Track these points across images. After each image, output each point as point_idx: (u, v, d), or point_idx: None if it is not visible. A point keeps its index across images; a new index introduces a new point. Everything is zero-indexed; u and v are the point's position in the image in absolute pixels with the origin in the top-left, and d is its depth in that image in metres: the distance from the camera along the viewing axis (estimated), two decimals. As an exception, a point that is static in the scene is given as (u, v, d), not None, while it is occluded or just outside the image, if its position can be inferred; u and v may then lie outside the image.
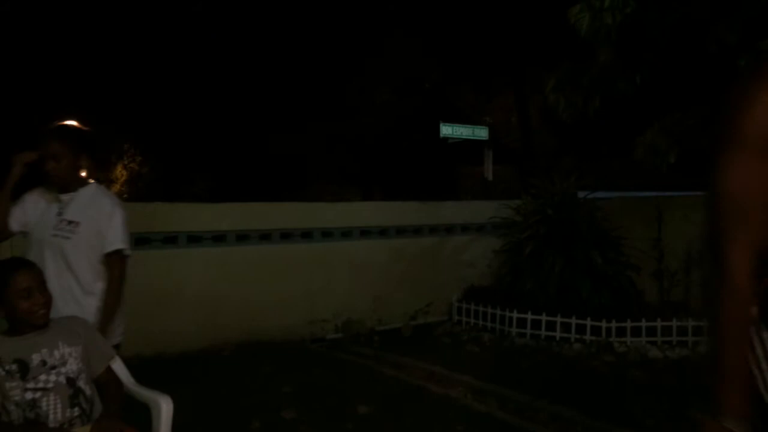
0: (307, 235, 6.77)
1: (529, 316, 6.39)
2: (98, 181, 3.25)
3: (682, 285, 6.84)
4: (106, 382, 2.56)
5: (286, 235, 6.65)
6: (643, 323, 6.07)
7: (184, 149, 13.29)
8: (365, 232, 7.15)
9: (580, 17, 5.72)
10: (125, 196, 17.09)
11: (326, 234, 6.89)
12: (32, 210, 3.04)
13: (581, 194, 7.25)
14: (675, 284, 6.87)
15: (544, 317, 6.32)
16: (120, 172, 16.88)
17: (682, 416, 4.26)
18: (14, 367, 2.32)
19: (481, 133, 12.39)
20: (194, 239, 6.14)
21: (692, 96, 6.94)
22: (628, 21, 5.64)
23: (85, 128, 3.13)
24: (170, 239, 6.03)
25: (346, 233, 7.04)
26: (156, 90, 11.74)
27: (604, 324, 6.11)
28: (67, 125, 3.11)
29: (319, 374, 5.29)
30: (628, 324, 6.08)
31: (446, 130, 12.17)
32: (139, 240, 5.88)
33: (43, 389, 2.33)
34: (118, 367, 2.73)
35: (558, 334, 6.25)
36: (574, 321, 6.20)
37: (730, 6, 5.40)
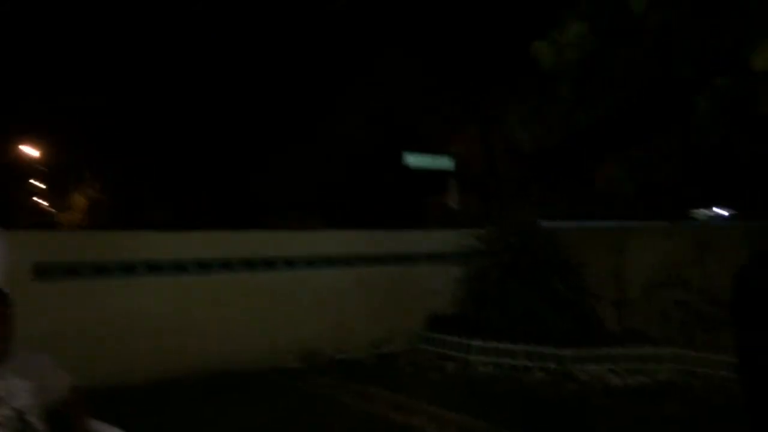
0: (270, 263, 6.70)
1: (493, 345, 6.40)
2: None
3: (641, 312, 6.95)
4: (72, 405, 2.47)
5: (248, 264, 6.57)
6: (604, 351, 6.14)
7: (145, 177, 13.10)
8: (329, 261, 7.11)
9: (543, 52, 5.87)
10: (84, 224, 16.71)
11: (290, 263, 6.84)
12: None
13: (544, 223, 7.35)
14: (634, 311, 6.99)
15: (507, 346, 6.34)
16: (79, 200, 16.52)
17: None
18: (-36, 400, 2.22)
19: (446, 163, 12.51)
20: (154, 268, 6.03)
21: (650, 130, 7.15)
22: (590, 57, 5.81)
23: None
24: (129, 268, 5.91)
25: (310, 262, 6.99)
26: (116, 117, 11.60)
27: (566, 352, 6.15)
28: None
29: (280, 405, 5.20)
30: (590, 352, 6.13)
31: (411, 160, 12.26)
32: (97, 269, 5.77)
33: (-8, 424, 2.23)
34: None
35: (521, 363, 6.27)
36: (536, 349, 6.23)
37: (685, 45, 5.61)
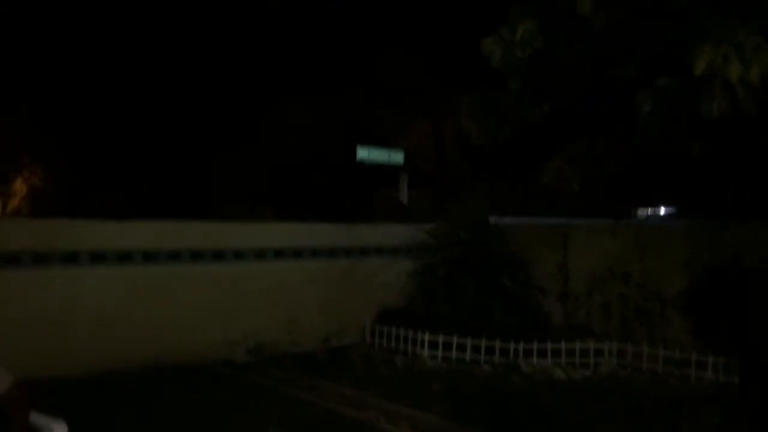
0: (219, 255, 6.61)
1: (441, 339, 6.47)
2: None
3: (585, 307, 7.13)
4: (13, 401, 2.40)
5: (196, 256, 6.46)
6: (549, 345, 6.29)
7: (91, 165, 12.70)
8: (279, 254, 7.05)
9: (492, 48, 5.94)
10: (26, 211, 16.09)
11: (239, 255, 6.75)
12: None
13: (493, 219, 7.46)
14: (578, 306, 7.17)
15: (455, 339, 6.42)
16: (20, 187, 15.90)
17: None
18: None
19: (397, 157, 12.55)
20: (97, 258, 5.87)
21: (596, 127, 7.31)
22: (537, 54, 5.92)
23: None
24: (71, 257, 5.74)
25: (259, 254, 6.92)
26: (61, 99, 11.21)
27: (512, 346, 6.27)
28: None
29: (229, 398, 5.14)
30: (535, 346, 6.27)
31: (363, 153, 12.24)
32: (38, 258, 5.59)
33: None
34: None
35: (469, 356, 6.36)
36: (483, 343, 6.33)
37: (630, 46, 5.77)
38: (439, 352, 6.46)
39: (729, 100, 4.84)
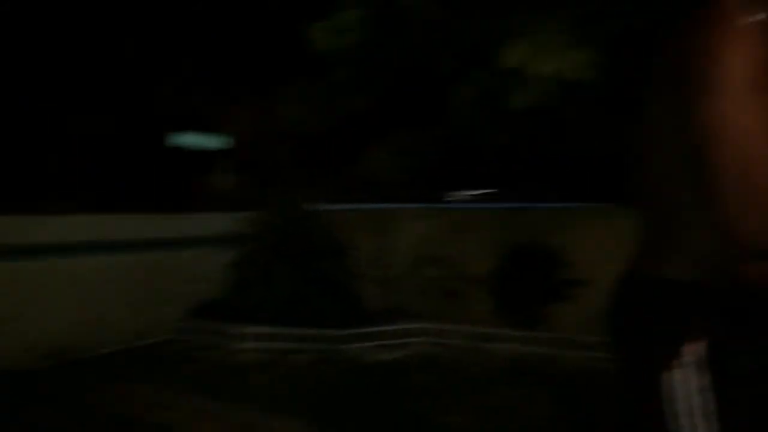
0: (14, 252, 5.86)
1: (258, 330, 6.29)
2: None
3: (403, 290, 7.30)
4: None
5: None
6: (369, 329, 6.36)
7: None
8: (84, 248, 6.41)
9: (320, 35, 5.87)
10: None
11: (39, 251, 6.03)
12: None
13: (316, 205, 7.39)
14: (397, 289, 7.33)
15: (272, 330, 6.27)
16: None
17: (402, 417, 4.51)
18: None
19: (217, 142, 12.10)
20: None
21: (415, 118, 7.51)
22: (363, 44, 5.92)
23: None
24: None
25: (62, 250, 6.23)
26: None
27: (332, 332, 6.26)
28: None
29: (21, 409, 4.57)
30: (356, 331, 6.31)
31: (180, 139, 11.64)
32: None
33: None
34: None
35: (287, 346, 6.24)
36: (303, 332, 6.25)
37: (446, 39, 5.95)
38: (256, 344, 6.26)
39: (536, 94, 5.15)
